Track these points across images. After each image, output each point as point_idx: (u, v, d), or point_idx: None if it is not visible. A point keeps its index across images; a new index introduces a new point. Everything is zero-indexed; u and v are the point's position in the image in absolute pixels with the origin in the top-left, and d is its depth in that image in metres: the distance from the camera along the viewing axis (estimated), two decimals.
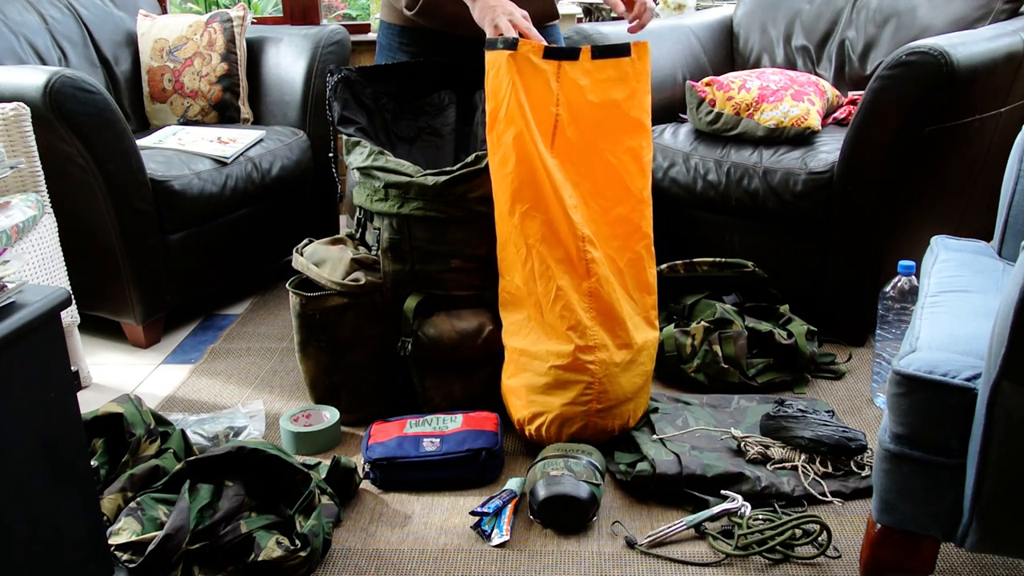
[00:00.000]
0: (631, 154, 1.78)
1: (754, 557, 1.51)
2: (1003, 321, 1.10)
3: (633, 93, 1.77)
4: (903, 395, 1.22)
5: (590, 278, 1.71)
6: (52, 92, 2.04)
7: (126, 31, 2.91)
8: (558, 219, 1.69)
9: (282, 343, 2.41)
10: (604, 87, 1.75)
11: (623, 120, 1.77)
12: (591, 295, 1.71)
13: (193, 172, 2.40)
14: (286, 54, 2.88)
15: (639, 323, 1.80)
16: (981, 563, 1.49)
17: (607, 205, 1.77)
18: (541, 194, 1.69)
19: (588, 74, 1.74)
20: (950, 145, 2.10)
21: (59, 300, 1.18)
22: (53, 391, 1.20)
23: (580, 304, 1.70)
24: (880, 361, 2.00)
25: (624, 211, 1.78)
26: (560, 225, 1.69)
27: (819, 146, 2.24)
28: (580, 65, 1.73)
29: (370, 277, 1.89)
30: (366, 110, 2.07)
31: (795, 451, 1.73)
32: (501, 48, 1.68)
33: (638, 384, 1.79)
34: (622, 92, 1.76)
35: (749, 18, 2.88)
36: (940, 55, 1.91)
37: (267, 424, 1.98)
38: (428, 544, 1.58)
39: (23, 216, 1.94)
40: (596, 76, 1.74)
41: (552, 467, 1.63)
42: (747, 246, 2.33)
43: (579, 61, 1.72)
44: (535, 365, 1.75)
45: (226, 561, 1.47)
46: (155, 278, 2.35)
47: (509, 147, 1.69)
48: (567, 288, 1.70)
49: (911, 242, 2.13)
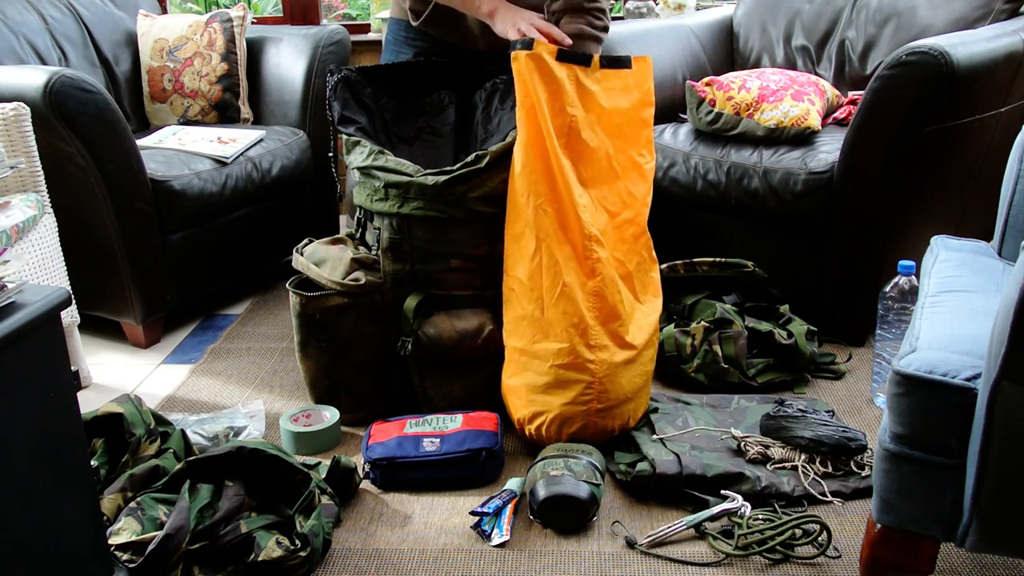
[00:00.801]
0: (633, 161, 1.86)
1: (754, 557, 1.51)
2: (1003, 321, 1.10)
3: (635, 103, 1.86)
4: (903, 395, 1.22)
5: (595, 277, 1.73)
6: (52, 92, 2.04)
7: (126, 31, 2.91)
8: (568, 216, 1.73)
9: (282, 343, 2.41)
10: (612, 95, 1.83)
11: (628, 127, 1.85)
12: (595, 294, 1.73)
13: (193, 172, 2.40)
14: (286, 54, 2.88)
15: (643, 325, 1.80)
16: (981, 563, 1.49)
17: (615, 209, 1.82)
18: (555, 190, 1.73)
19: (598, 81, 1.82)
20: (950, 145, 2.10)
21: (59, 300, 1.18)
22: (53, 391, 1.20)
23: (584, 303, 1.71)
24: (880, 361, 2.00)
25: (630, 215, 1.84)
26: (570, 222, 1.73)
27: (819, 146, 2.24)
28: (591, 72, 1.81)
29: (370, 277, 1.89)
30: (366, 110, 2.07)
31: (795, 451, 1.73)
32: (519, 49, 1.76)
33: (638, 384, 1.79)
34: (627, 101, 1.85)
35: (749, 18, 2.88)
36: (940, 55, 1.91)
37: (267, 424, 1.98)
38: (428, 544, 1.58)
39: (23, 216, 1.94)
40: (604, 84, 1.83)
41: (552, 467, 1.63)
42: (747, 246, 2.33)
43: (590, 68, 1.80)
44: (535, 364, 1.76)
45: (226, 561, 1.47)
46: (155, 278, 2.35)
47: (528, 140, 1.74)
48: (573, 286, 1.72)
49: (911, 242, 2.13)
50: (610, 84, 1.83)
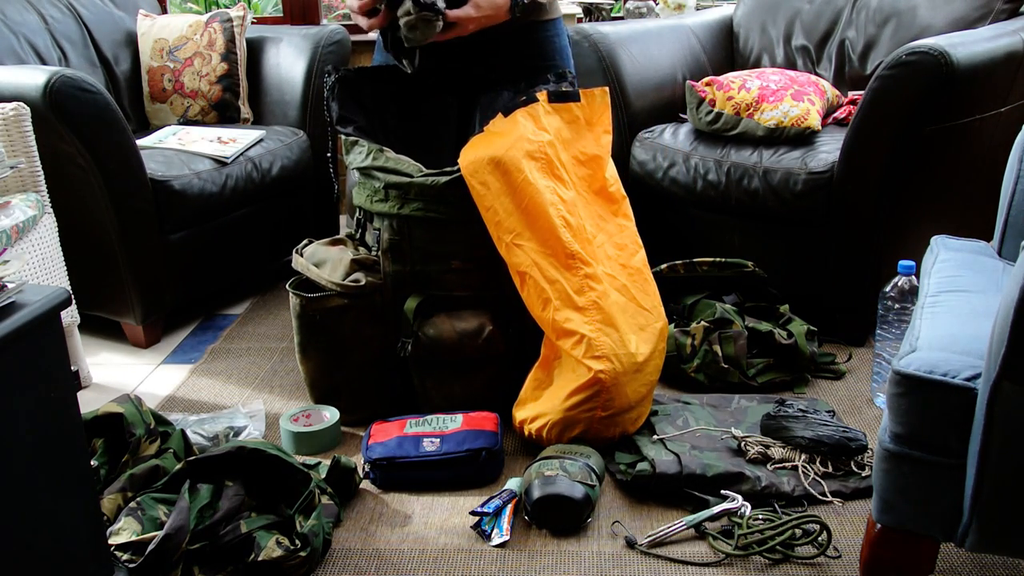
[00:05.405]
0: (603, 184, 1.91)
1: (754, 557, 1.51)
2: (1003, 321, 1.10)
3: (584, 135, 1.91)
4: (903, 395, 1.22)
5: (592, 291, 1.75)
6: (52, 92, 2.04)
7: (126, 31, 2.91)
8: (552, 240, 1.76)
9: (282, 343, 2.41)
10: (569, 127, 1.90)
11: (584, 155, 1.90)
12: (594, 307, 1.74)
13: (193, 172, 2.40)
14: (286, 54, 2.87)
15: (649, 336, 1.80)
16: (981, 563, 1.49)
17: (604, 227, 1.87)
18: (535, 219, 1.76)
19: (551, 115, 1.88)
20: (950, 145, 2.10)
21: (59, 300, 1.18)
22: (53, 391, 1.20)
23: (583, 318, 1.73)
24: (880, 361, 2.00)
25: (614, 228, 1.89)
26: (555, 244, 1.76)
27: (819, 146, 2.24)
28: (543, 106, 1.87)
29: (370, 278, 1.89)
30: (365, 110, 2.07)
31: (795, 451, 1.73)
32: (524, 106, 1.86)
33: (642, 393, 1.79)
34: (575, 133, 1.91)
35: (749, 18, 2.88)
36: (940, 55, 1.91)
37: (267, 424, 1.98)
38: (428, 544, 1.58)
39: (23, 216, 1.94)
40: (561, 116, 1.90)
41: (547, 467, 1.63)
42: (747, 246, 2.33)
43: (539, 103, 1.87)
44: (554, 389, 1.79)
45: (226, 561, 1.47)
46: (155, 278, 2.35)
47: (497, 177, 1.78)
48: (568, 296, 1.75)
49: (911, 242, 2.13)
50: (565, 116, 1.90)
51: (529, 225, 1.75)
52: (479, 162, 1.77)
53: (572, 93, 1.91)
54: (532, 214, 1.75)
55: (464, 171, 1.79)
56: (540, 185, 1.76)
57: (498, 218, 1.77)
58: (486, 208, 1.78)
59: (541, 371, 1.83)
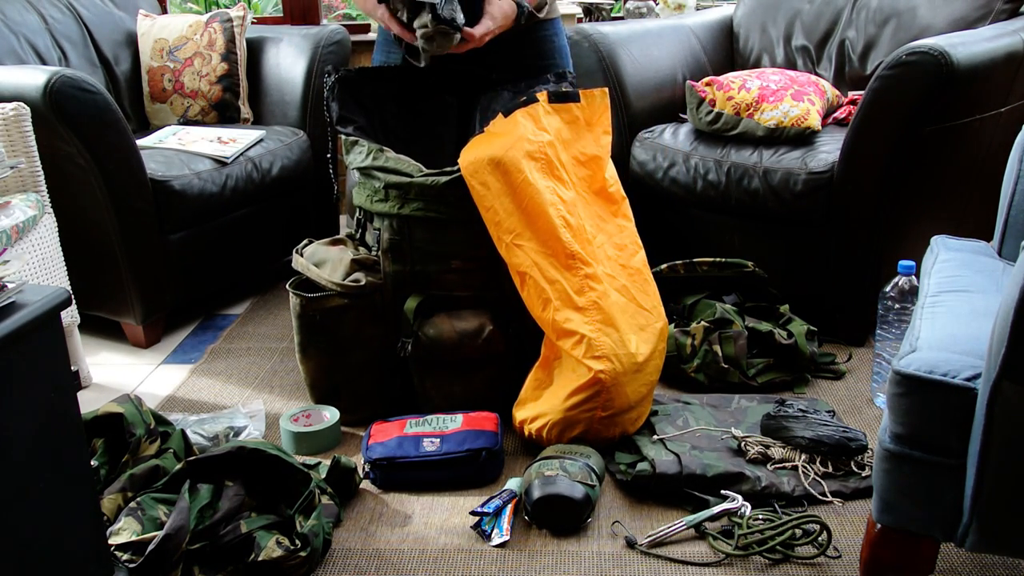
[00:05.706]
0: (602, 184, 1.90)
1: (754, 557, 1.51)
2: (1003, 321, 1.10)
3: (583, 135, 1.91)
4: (903, 395, 1.22)
5: (592, 291, 1.74)
6: (52, 92, 2.04)
7: (126, 31, 2.91)
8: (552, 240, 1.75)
9: (282, 343, 2.41)
10: (568, 127, 1.90)
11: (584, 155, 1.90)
12: (594, 307, 1.74)
13: (193, 172, 2.40)
14: (286, 54, 2.88)
15: (649, 336, 1.80)
16: (981, 563, 1.49)
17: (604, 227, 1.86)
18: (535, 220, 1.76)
19: (551, 115, 1.88)
20: (950, 145, 2.10)
21: (59, 300, 1.18)
22: (53, 391, 1.20)
23: (583, 318, 1.72)
24: (880, 361, 2.00)
25: (614, 228, 1.88)
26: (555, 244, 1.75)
27: (819, 146, 2.24)
28: (543, 107, 1.87)
29: (370, 278, 1.89)
30: (365, 110, 2.07)
31: (795, 451, 1.73)
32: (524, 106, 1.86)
33: (643, 393, 1.79)
34: (575, 133, 1.90)
35: (749, 18, 2.88)
36: (940, 55, 1.91)
37: (267, 424, 1.98)
38: (428, 544, 1.58)
39: (23, 216, 1.94)
40: (561, 117, 1.89)
41: (547, 467, 1.63)
42: (747, 246, 2.33)
43: (539, 103, 1.86)
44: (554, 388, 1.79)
45: (226, 561, 1.47)
46: (155, 278, 2.35)
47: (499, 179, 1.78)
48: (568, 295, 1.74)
49: (911, 242, 2.13)
50: (565, 116, 1.89)
51: (529, 225, 1.75)
52: (479, 162, 1.77)
53: (572, 93, 1.91)
54: (532, 214, 1.75)
55: (464, 171, 1.79)
56: (540, 185, 1.76)
57: (498, 218, 1.77)
58: (486, 208, 1.78)
59: (541, 371, 1.83)
